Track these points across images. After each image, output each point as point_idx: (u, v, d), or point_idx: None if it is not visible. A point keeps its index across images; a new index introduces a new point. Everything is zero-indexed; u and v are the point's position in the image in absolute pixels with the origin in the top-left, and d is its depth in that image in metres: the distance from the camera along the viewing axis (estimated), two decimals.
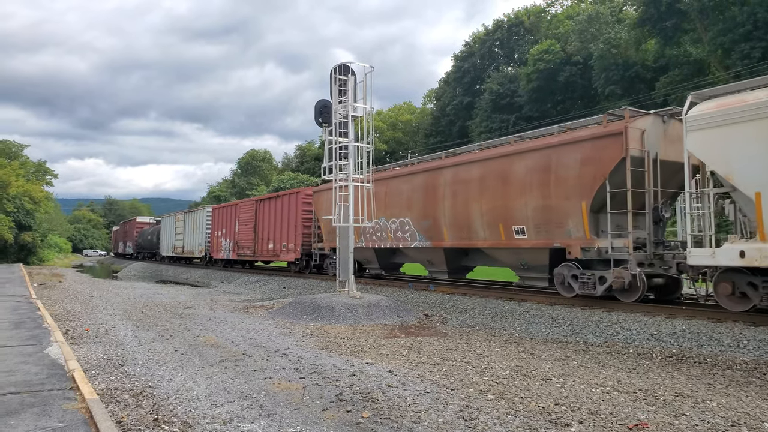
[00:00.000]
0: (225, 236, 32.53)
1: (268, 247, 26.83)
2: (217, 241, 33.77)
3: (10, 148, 67.30)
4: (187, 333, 10.90)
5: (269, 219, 26.92)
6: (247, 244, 29.13)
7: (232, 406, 5.93)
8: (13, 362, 7.67)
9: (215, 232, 34.12)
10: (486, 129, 49.74)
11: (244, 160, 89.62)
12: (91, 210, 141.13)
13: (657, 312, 11.31)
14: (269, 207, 27.22)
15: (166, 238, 45.07)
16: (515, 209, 13.90)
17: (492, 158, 14.83)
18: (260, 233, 27.90)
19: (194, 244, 37.72)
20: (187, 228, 39.50)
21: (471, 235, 15.26)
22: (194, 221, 38.04)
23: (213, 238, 34.48)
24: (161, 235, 46.93)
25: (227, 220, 32.36)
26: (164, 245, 45.64)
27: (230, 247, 31.45)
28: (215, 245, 34.03)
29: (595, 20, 43.12)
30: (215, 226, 34.18)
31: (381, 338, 10.63)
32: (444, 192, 16.10)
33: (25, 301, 16.35)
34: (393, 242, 18.37)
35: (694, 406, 6.13)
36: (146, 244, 53.98)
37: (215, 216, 34.48)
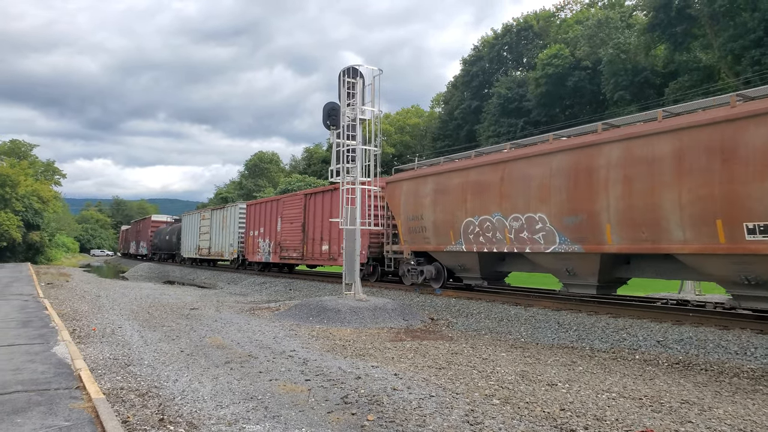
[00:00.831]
0: (263, 236, 28.44)
1: (321, 249, 22.95)
2: (252, 241, 29.72)
3: (20, 148, 67.97)
4: (193, 334, 10.94)
5: (324, 216, 22.73)
6: (293, 246, 25.02)
7: (238, 407, 5.94)
8: (20, 361, 7.73)
9: (250, 232, 29.99)
10: (494, 133, 49.68)
11: (251, 162, 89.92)
12: (99, 210, 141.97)
13: (664, 318, 11.24)
14: (323, 202, 23.12)
15: (189, 238, 40.91)
16: (753, 198, 9.45)
17: (699, 126, 10.28)
18: (311, 233, 23.91)
19: (223, 244, 33.68)
20: (215, 227, 35.33)
21: (657, 235, 10.90)
22: (224, 219, 33.93)
23: (248, 239, 30.37)
24: (182, 235, 42.71)
25: (266, 218, 28.09)
26: (186, 246, 41.53)
27: (270, 248, 27.39)
28: (250, 246, 30.00)
29: (605, 25, 43.02)
30: (250, 224, 30.08)
31: (386, 341, 10.62)
32: (607, 176, 11.76)
33: (33, 300, 16.46)
34: (512, 245, 13.94)
35: (701, 414, 6.09)
36: (163, 245, 49.63)
37: (250, 213, 30.38)
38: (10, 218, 49.26)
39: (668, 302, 14.31)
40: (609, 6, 51.97)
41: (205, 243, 36.78)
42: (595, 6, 56.02)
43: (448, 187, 15.88)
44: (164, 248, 49.51)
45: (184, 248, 42.26)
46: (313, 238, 23.63)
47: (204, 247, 37.00)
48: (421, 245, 17.06)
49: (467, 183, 15.19)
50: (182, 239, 42.84)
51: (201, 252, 37.56)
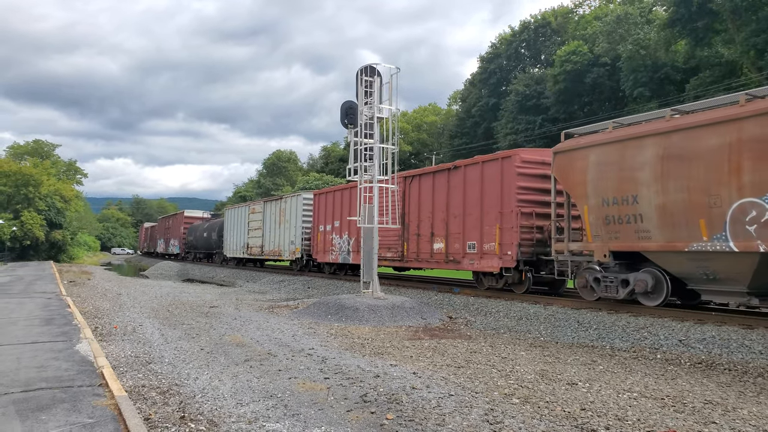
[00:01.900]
0: (338, 231, 23.49)
1: (432, 247, 17.87)
2: (323, 238, 24.69)
3: (42, 148, 69.25)
4: (212, 332, 11.04)
5: (435, 206, 17.79)
6: (386, 243, 19.69)
7: (258, 405, 5.98)
8: (44, 358, 7.86)
9: (320, 227, 24.98)
10: (512, 130, 49.36)
11: (269, 160, 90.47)
12: (120, 209, 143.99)
13: (685, 317, 11.07)
14: (434, 186, 17.95)
15: (234, 235, 36.02)
16: None
17: None
18: (414, 226, 18.72)
19: (282, 242, 28.76)
20: (269, 221, 30.41)
21: None
22: (281, 213, 29.12)
23: (316, 235, 25.47)
24: (225, 232, 37.91)
25: (344, 209, 22.97)
26: (230, 244, 36.68)
27: (350, 246, 22.56)
28: (320, 244, 25.03)
29: (624, 21, 42.46)
30: (319, 217, 25.22)
31: (405, 340, 10.62)
32: None
33: (56, 298, 16.74)
34: None
35: (725, 414, 5.99)
36: (200, 243, 44.47)
37: (320, 204, 25.36)
38: (34, 217, 50.20)
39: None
40: (628, 1, 51.27)
41: (256, 240, 31.84)
42: (614, 2, 55.34)
43: (694, 150, 10.50)
44: (201, 247, 44.70)
45: (227, 246, 37.30)
46: (419, 234, 18.52)
47: (255, 245, 32.08)
48: (630, 242, 11.71)
49: (740, 142, 9.80)
50: (225, 236, 37.89)
51: (251, 251, 32.58)
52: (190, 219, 51.29)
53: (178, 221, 53.03)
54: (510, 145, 48.86)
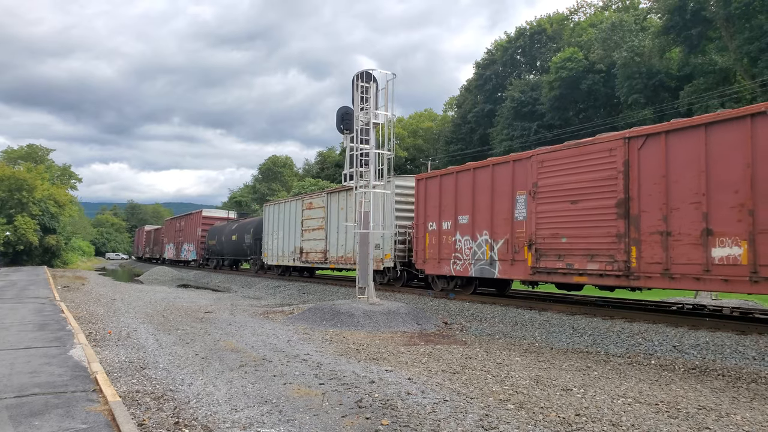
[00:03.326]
0: (470, 230, 15.97)
1: (710, 254, 10.22)
2: (437, 240, 17.08)
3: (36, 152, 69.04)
4: (207, 337, 11.00)
5: (716, 179, 10.31)
6: (587, 246, 12.52)
7: (252, 410, 5.97)
8: (37, 363, 7.82)
9: (429, 225, 17.51)
10: (507, 137, 49.49)
11: (265, 165, 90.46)
12: (114, 214, 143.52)
13: (680, 323, 11.12)
14: (709, 148, 10.42)
15: (280, 237, 28.39)
16: None
17: None
18: (657, 218, 11.21)
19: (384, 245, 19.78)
20: (335, 219, 23.10)
21: None
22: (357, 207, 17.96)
23: (421, 237, 17.82)
24: (265, 234, 30.46)
25: (476, 198, 15.76)
26: (273, 248, 29.07)
27: (495, 253, 14.99)
28: (429, 249, 17.46)
29: (619, 28, 42.70)
30: (428, 211, 17.60)
31: (400, 345, 10.61)
32: None
33: (49, 303, 16.66)
34: None
35: (718, 420, 6.01)
36: (227, 248, 37.06)
37: (429, 193, 17.64)
38: (27, 222, 49.99)
39: (684, 307, 14.17)
40: (623, 9, 51.62)
41: (316, 244, 24.53)
42: (609, 9, 55.69)
43: None
44: (228, 252, 37.39)
45: (269, 252, 29.67)
46: (668, 232, 11.00)
47: (313, 249, 24.77)
48: None
49: None
50: (265, 239, 30.48)
51: (307, 257, 25.31)
52: (210, 219, 43.50)
53: (194, 222, 44.72)
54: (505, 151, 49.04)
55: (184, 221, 48.71)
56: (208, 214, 45.14)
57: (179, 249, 48.76)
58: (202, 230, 43.27)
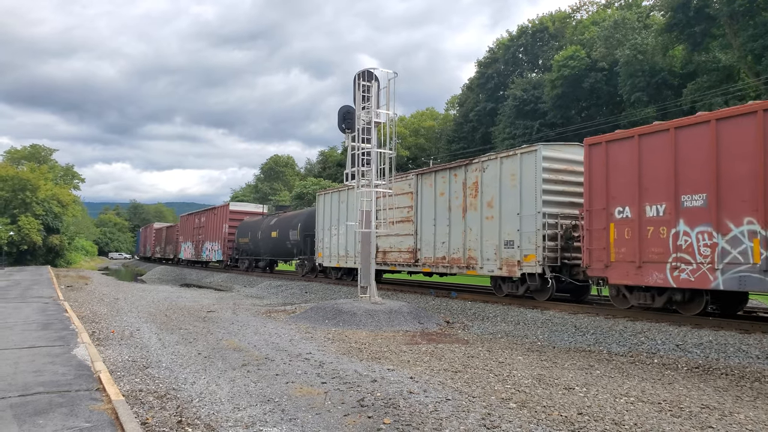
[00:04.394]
0: (714, 215, 10.47)
1: None
2: (640, 234, 11.76)
3: (40, 153, 69.25)
4: (210, 336, 11.03)
5: None
6: None
7: (255, 409, 5.98)
8: (41, 362, 7.85)
9: (615, 211, 12.29)
10: (509, 135, 49.43)
11: (267, 165, 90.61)
12: (117, 214, 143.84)
13: (683, 322, 11.10)
14: None
15: (340, 232, 22.89)
16: None
17: None
18: None
19: (478, 244, 15.89)
20: (428, 206, 18.03)
21: None
22: (472, 189, 16.26)
23: (600, 228, 12.58)
24: (320, 229, 24.64)
25: (722, 163, 10.42)
26: (331, 247, 23.51)
27: None
28: (617, 247, 12.23)
29: (622, 26, 42.61)
30: (609, 189, 12.48)
31: (402, 344, 10.62)
32: None
33: (53, 302, 16.71)
34: None
35: (721, 419, 6.00)
36: (265, 247, 31.78)
37: (609, 162, 12.49)
38: (31, 222, 50.13)
39: None
40: (626, 6, 51.49)
41: (398, 242, 19.34)
42: (611, 7, 55.56)
43: None
44: (266, 251, 32.05)
45: (327, 251, 23.99)
46: None
47: (394, 248, 19.60)
48: None
49: None
50: (320, 235, 24.68)
51: (385, 258, 20.01)
52: (239, 214, 37.83)
53: (219, 217, 39.00)
54: None
55: (205, 217, 42.59)
56: (236, 208, 38.99)
57: (199, 248, 42.62)
58: (229, 226, 37.21)
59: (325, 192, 25.09)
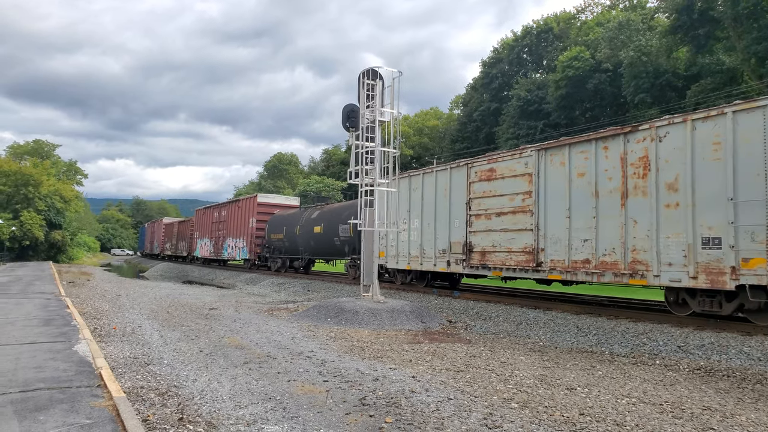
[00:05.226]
0: None
1: None
2: None
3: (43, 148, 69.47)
4: (212, 334, 11.03)
5: None
6: None
7: (256, 407, 5.98)
8: (42, 358, 7.86)
9: None
10: (513, 135, 49.38)
11: (270, 163, 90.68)
12: (120, 210, 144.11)
13: (685, 323, 11.07)
14: None
15: (414, 227, 18.49)
16: None
17: None
18: None
19: (737, 241, 10.00)
20: (559, 192, 13.33)
21: None
22: (655, 163, 11.38)
23: None
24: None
25: None
26: (404, 244, 18.92)
27: None
28: None
29: (626, 27, 42.51)
30: None
31: (404, 343, 10.61)
32: None
33: (55, 298, 16.73)
34: None
35: (723, 420, 5.98)
36: (303, 244, 27.38)
37: None
38: (33, 217, 50.24)
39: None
40: (630, 8, 51.38)
41: (507, 239, 14.71)
42: (616, 8, 55.45)
43: None
44: (307, 249, 27.42)
45: (394, 250, 19.49)
46: None
47: (498, 247, 14.95)
48: None
49: None
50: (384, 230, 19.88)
51: (484, 259, 15.38)
52: (269, 207, 33.44)
53: (244, 211, 34.61)
54: None
55: (226, 210, 38.04)
56: (265, 200, 34.23)
57: (219, 245, 38.20)
58: (257, 221, 32.82)
59: (412, 172, 19.53)
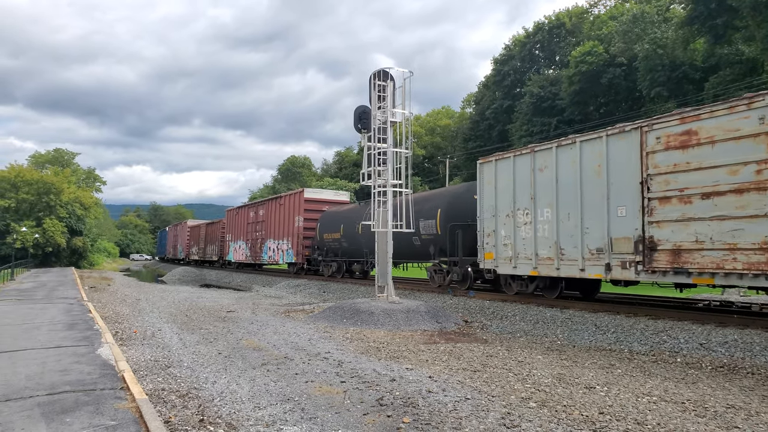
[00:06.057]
0: None
1: None
2: None
3: (63, 156, 70.51)
4: (230, 336, 11.13)
5: None
6: None
7: (275, 408, 6.03)
8: (67, 362, 8.00)
9: None
10: (527, 132, 49.11)
11: (284, 166, 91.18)
12: (137, 216, 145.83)
13: (706, 320, 10.92)
14: None
15: (546, 218, 13.78)
16: None
17: None
18: None
19: None
20: None
21: None
22: None
23: None
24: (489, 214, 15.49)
25: None
26: (529, 242, 14.16)
27: None
28: None
29: (640, 20, 42.05)
30: None
31: (420, 344, 10.61)
32: None
33: (77, 303, 17.00)
34: None
35: (747, 419, 5.90)
36: (368, 244, 21.66)
37: None
38: (55, 224, 51.06)
39: (711, 304, 13.92)
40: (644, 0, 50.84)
41: (737, 231, 9.84)
42: (629, 1, 54.89)
43: None
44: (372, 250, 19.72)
45: (512, 250, 14.80)
46: None
47: (726, 242, 9.96)
48: None
49: None
50: (492, 226, 15.49)
51: (678, 261, 10.68)
52: (318, 203, 29.08)
53: (289, 208, 30.29)
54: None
55: (264, 209, 33.97)
56: (313, 196, 29.92)
57: (257, 248, 34.27)
58: (305, 219, 28.65)
59: (501, 157, 15.27)
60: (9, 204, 50.44)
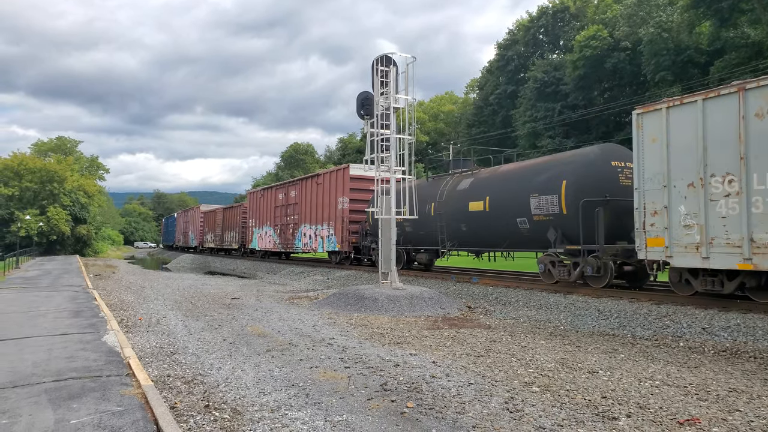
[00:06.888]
0: None
1: None
2: None
3: (66, 144, 70.49)
4: (234, 323, 11.20)
5: None
6: None
7: (280, 394, 6.08)
8: (73, 349, 8.07)
9: None
10: (530, 118, 48.87)
11: (287, 153, 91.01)
12: (141, 203, 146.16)
13: (709, 305, 10.94)
14: None
15: (748, 193, 9.65)
16: None
17: None
18: None
19: None
20: None
21: None
22: None
23: None
24: (657, 189, 11.23)
25: None
26: (713, 223, 10.27)
27: None
28: None
29: (645, 3, 41.57)
30: None
31: (424, 329, 10.66)
32: None
33: (83, 291, 17.11)
34: None
35: (749, 402, 5.93)
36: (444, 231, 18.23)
37: None
38: (59, 213, 51.27)
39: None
40: None
41: None
42: None
43: None
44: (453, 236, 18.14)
45: (690, 234, 10.72)
46: None
47: None
48: None
49: None
50: (661, 200, 11.21)
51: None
52: (365, 182, 22.84)
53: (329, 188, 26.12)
54: (529, 134, 48.40)
55: (296, 189, 29.75)
56: (359, 173, 23.89)
57: (289, 235, 30.22)
58: (350, 200, 24.43)
59: (676, 102, 11.19)
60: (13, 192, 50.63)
